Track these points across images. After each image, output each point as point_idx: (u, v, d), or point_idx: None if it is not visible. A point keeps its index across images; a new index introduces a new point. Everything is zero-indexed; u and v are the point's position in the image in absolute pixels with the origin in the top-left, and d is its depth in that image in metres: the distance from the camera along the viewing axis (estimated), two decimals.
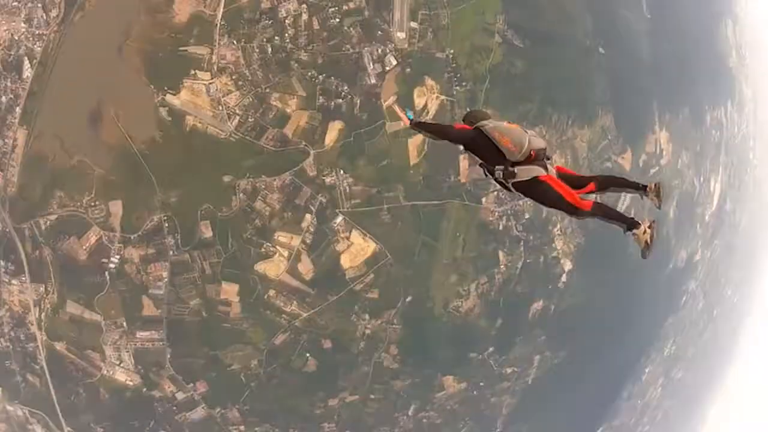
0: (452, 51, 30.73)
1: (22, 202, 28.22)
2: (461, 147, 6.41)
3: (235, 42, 28.32)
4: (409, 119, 6.71)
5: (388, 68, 29.80)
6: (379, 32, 29.74)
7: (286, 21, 28.80)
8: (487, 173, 6.13)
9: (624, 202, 28.76)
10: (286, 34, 28.84)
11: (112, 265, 28.95)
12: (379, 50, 29.69)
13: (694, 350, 57.90)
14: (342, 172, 29.79)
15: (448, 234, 32.25)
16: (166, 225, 28.77)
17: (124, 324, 29.56)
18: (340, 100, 29.40)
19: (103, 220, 28.54)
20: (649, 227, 5.58)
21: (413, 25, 30.34)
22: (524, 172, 5.87)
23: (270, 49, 28.64)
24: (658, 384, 54.28)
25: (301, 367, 31.79)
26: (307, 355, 31.67)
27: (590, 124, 35.75)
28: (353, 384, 33.01)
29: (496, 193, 32.03)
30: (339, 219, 30.19)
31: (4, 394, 30.29)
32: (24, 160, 27.85)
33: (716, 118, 48.49)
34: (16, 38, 27.58)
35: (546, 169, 5.95)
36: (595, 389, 43.72)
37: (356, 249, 30.57)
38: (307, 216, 29.76)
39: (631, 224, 5.67)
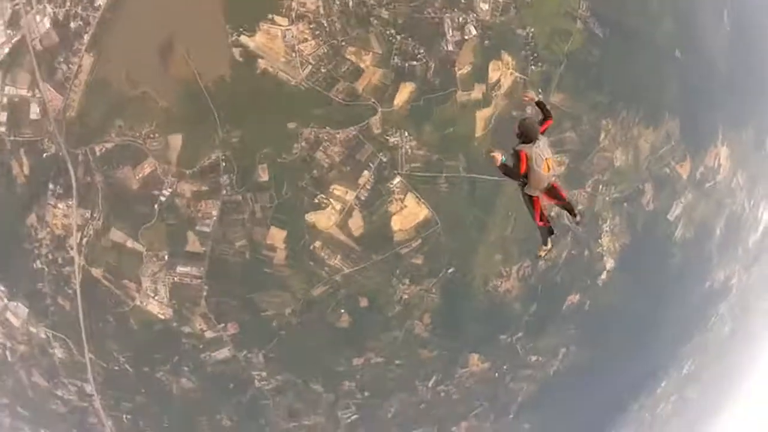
0: (533, 30, 30.18)
1: (80, 127, 27.93)
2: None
3: None
4: (502, 162, 9.01)
5: (467, 37, 29.42)
6: (463, 0, 29.31)
7: None
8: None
9: None
10: None
11: (162, 198, 28.74)
12: (461, 18, 29.29)
13: (711, 374, 57.15)
14: (406, 134, 29.68)
15: (500, 212, 32.05)
16: (224, 164, 28.61)
17: (166, 257, 29.38)
18: (415, 63, 29.18)
19: (161, 153, 28.24)
20: (549, 251, 10.32)
21: None
22: (530, 191, 9.20)
23: (351, 2, 28.29)
24: (670, 400, 53.79)
25: (334, 322, 31.87)
26: (342, 310, 31.79)
27: (656, 127, 34.99)
28: (381, 346, 33.16)
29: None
30: (396, 180, 30.18)
31: (30, 315, 30.25)
32: (87, 86, 27.48)
33: None
34: None
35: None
36: (610, 393, 43.49)
37: (408, 212, 30.55)
38: (365, 173, 29.76)
39: (544, 242, 10.03)
